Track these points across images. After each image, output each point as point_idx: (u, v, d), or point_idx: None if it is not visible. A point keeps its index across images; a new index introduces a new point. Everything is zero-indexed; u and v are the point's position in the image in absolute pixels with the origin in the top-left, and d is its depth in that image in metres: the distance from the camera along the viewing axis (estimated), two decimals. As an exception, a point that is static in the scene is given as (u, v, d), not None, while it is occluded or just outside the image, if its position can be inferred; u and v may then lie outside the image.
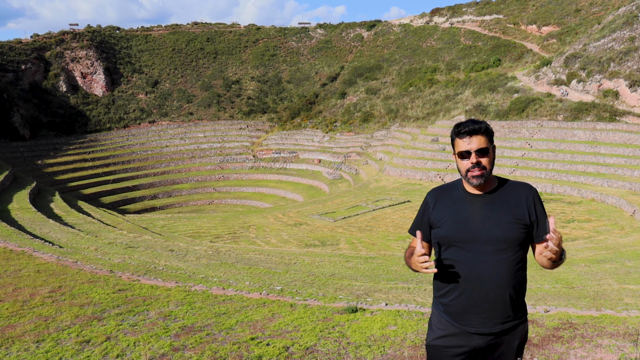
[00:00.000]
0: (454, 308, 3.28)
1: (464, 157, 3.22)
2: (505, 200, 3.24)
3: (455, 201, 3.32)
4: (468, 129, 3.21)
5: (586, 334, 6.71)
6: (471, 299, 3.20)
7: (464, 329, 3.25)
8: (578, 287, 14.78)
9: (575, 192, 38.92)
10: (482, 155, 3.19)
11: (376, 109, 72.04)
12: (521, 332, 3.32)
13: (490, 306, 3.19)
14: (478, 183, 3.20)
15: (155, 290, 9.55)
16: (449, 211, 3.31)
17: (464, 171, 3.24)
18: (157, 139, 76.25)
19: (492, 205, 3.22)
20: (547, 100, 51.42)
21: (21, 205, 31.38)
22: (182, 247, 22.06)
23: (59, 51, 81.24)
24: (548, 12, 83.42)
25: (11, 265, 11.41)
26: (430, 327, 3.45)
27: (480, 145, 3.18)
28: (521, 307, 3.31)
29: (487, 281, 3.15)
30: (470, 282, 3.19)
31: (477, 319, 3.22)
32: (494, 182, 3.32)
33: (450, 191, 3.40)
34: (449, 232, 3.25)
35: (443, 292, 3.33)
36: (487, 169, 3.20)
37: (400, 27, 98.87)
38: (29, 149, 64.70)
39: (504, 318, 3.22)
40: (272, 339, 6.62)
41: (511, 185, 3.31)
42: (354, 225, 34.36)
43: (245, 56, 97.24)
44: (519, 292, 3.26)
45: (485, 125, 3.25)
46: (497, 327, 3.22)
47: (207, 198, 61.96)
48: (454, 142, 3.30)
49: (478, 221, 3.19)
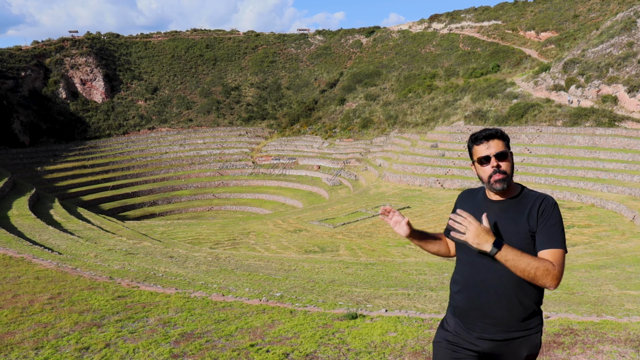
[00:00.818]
0: (460, 310, 3.29)
1: (484, 163, 3.22)
2: (520, 209, 3.19)
3: (474, 205, 3.34)
4: (485, 134, 3.23)
5: (587, 340, 6.68)
6: (474, 302, 3.20)
7: (469, 331, 3.25)
8: (578, 292, 14.75)
9: (575, 197, 38.90)
10: (501, 159, 3.20)
11: (375, 115, 72.14)
12: (531, 343, 3.22)
13: (492, 312, 3.15)
14: (502, 187, 3.18)
15: (154, 296, 9.53)
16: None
17: (485, 177, 3.23)
18: (156, 146, 76.30)
19: (505, 213, 3.20)
20: (546, 106, 51.49)
21: (21, 212, 31.34)
22: (181, 254, 22.01)
23: (58, 58, 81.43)
24: (546, 18, 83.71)
25: (10, 271, 11.38)
26: (442, 326, 3.46)
27: (499, 149, 3.20)
28: (531, 318, 3.20)
29: (489, 287, 3.13)
30: (475, 286, 3.19)
31: (480, 323, 3.20)
32: (516, 189, 3.31)
33: (475, 195, 3.44)
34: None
35: (454, 292, 3.37)
36: (508, 173, 3.21)
37: (399, 33, 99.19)
38: (29, 156, 64.74)
39: (509, 327, 3.15)
40: (271, 345, 6.60)
41: (529, 195, 3.27)
42: (354, 231, 34.33)
43: (244, 63, 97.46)
44: (528, 303, 3.15)
45: (501, 130, 3.28)
46: (500, 335, 3.17)
47: (206, 204, 61.94)
48: (472, 150, 3.30)
49: (489, 226, 3.14)
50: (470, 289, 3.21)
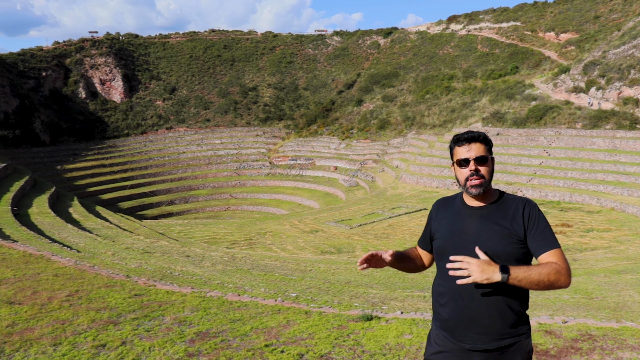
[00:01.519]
0: (448, 323, 3.18)
1: (463, 165, 3.19)
2: (502, 213, 3.15)
3: (454, 213, 3.28)
4: (467, 137, 3.19)
5: (606, 346, 6.59)
6: (464, 313, 3.10)
7: (459, 345, 3.14)
8: (597, 297, 14.56)
9: (595, 201, 38.42)
10: (481, 164, 3.15)
11: (393, 116, 71.94)
12: (523, 349, 3.16)
13: (483, 322, 3.07)
14: (477, 192, 3.14)
15: (171, 295, 9.59)
16: (446, 222, 3.27)
17: (462, 180, 3.20)
18: (174, 145, 76.84)
19: (487, 218, 3.15)
20: (565, 108, 50.93)
21: (41, 210, 31.75)
22: (198, 253, 22.14)
23: (78, 58, 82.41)
24: (567, 19, 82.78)
25: (30, 268, 11.53)
26: (429, 341, 3.37)
27: (479, 153, 3.15)
28: (521, 323, 3.15)
29: (478, 296, 3.05)
30: (463, 296, 3.09)
31: (471, 334, 3.10)
32: (494, 195, 3.26)
33: (452, 203, 3.37)
34: (444, 243, 3.21)
35: (439, 305, 3.25)
36: (486, 178, 3.15)
37: (417, 34, 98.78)
38: (49, 155, 65.59)
39: (500, 335, 3.08)
40: (286, 346, 6.60)
41: (510, 199, 3.22)
42: (370, 232, 34.26)
43: (262, 63, 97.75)
44: (517, 308, 3.11)
45: (484, 134, 3.23)
46: (493, 344, 3.08)
47: (223, 204, 62.23)
48: (453, 151, 3.27)
49: (472, 234, 3.12)
50: (457, 300, 3.12)
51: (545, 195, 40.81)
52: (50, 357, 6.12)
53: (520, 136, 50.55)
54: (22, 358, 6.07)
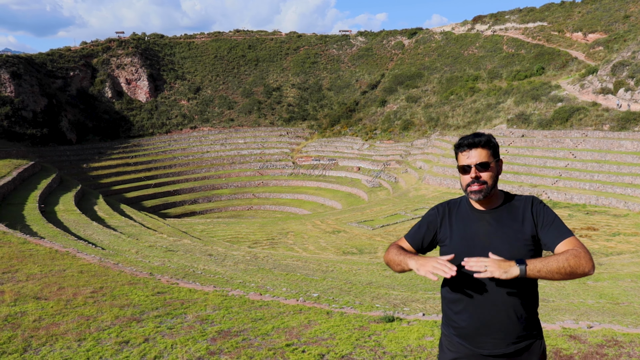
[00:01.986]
0: (465, 330, 3.14)
1: (465, 171, 3.14)
2: (512, 216, 3.13)
3: (462, 218, 3.23)
4: (467, 142, 3.13)
5: (633, 353, 6.46)
6: (482, 320, 3.07)
7: (476, 351, 3.12)
8: (624, 303, 14.30)
9: (622, 204, 37.73)
10: (482, 170, 3.10)
11: (416, 117, 71.56)
12: (537, 350, 3.16)
13: (501, 327, 3.05)
14: (477, 198, 3.11)
15: (193, 293, 9.66)
16: (455, 228, 3.21)
17: (464, 186, 3.17)
18: (198, 145, 77.47)
19: (498, 222, 3.12)
20: (592, 110, 50.09)
21: (67, 207, 32.27)
22: (220, 252, 22.28)
23: (105, 58, 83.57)
24: (595, 18, 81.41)
25: (56, 265, 11.71)
26: (442, 348, 3.33)
27: (481, 159, 3.10)
28: (534, 324, 3.16)
29: (497, 301, 3.02)
30: (479, 303, 3.06)
31: (490, 340, 3.08)
32: (500, 197, 3.22)
33: (457, 207, 3.31)
34: (456, 250, 3.14)
35: (453, 313, 3.20)
36: (488, 184, 3.10)
37: (441, 34, 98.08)
38: (75, 153, 66.63)
39: (517, 337, 3.07)
40: (307, 346, 6.60)
41: (518, 200, 3.20)
42: (393, 233, 34.12)
43: (286, 63, 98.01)
44: (531, 310, 3.12)
45: (487, 138, 3.16)
46: (511, 348, 3.07)
47: (246, 204, 62.55)
48: (457, 156, 3.22)
49: (485, 239, 3.08)
50: (474, 307, 3.08)
51: (571, 198, 40.22)
52: (75, 352, 6.21)
53: (545, 138, 49.88)
54: (47, 352, 6.17)
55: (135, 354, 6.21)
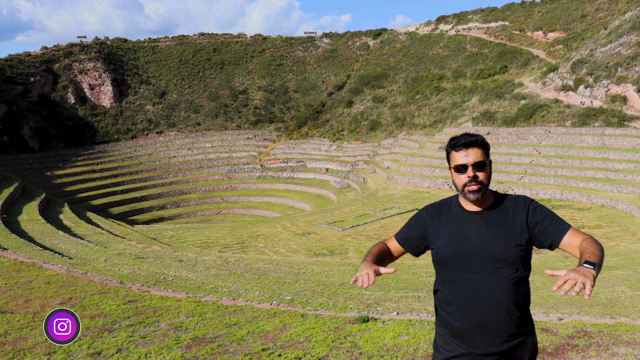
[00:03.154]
0: (459, 330, 3.15)
1: (461, 171, 3.13)
2: (503, 216, 3.14)
3: (452, 219, 3.22)
4: (464, 142, 3.12)
5: (602, 343, 6.62)
6: (476, 320, 3.09)
7: (471, 350, 3.14)
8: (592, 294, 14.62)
9: (585, 198, 38.66)
10: (479, 169, 3.10)
11: (383, 117, 72.07)
12: (530, 345, 3.22)
13: (496, 326, 3.07)
14: (475, 198, 3.10)
15: (165, 301, 9.54)
16: (446, 230, 3.21)
17: (460, 186, 3.15)
18: (164, 150, 76.58)
19: (490, 223, 3.13)
20: (554, 107, 51.23)
21: (31, 217, 31.53)
22: (191, 258, 22.06)
23: (67, 63, 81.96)
24: (554, 18, 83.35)
25: (22, 276, 11.43)
26: (436, 348, 3.34)
27: (477, 159, 3.10)
28: (527, 321, 3.19)
29: (491, 301, 3.05)
30: (473, 304, 3.08)
31: (484, 339, 3.10)
32: (490, 197, 3.23)
33: (447, 209, 3.30)
34: (447, 251, 3.15)
35: (447, 314, 3.21)
36: (484, 183, 3.12)
37: (406, 35, 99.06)
38: (38, 161, 65.13)
39: (510, 336, 3.11)
40: (283, 349, 6.58)
41: (508, 200, 3.22)
42: (363, 234, 34.28)
43: (251, 66, 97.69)
44: (523, 308, 3.15)
45: (482, 138, 3.17)
46: (505, 345, 3.11)
47: (215, 208, 62.06)
48: (450, 155, 3.20)
49: (476, 240, 3.09)
50: (468, 307, 3.10)
51: (536, 194, 41.02)
52: (45, 366, 6.06)
53: (510, 135, 50.80)
54: (16, 367, 6.01)
55: (108, 365, 6.09)
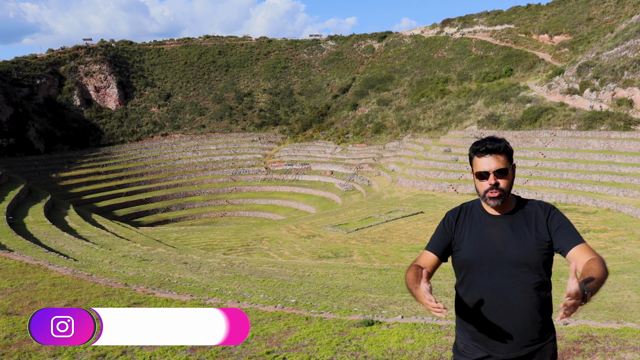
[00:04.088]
0: (480, 334, 3.16)
1: (483, 177, 3.13)
2: (525, 221, 3.15)
3: (476, 223, 3.23)
4: (487, 148, 3.12)
5: (608, 348, 6.58)
6: (498, 324, 3.10)
7: (492, 354, 3.15)
8: (596, 298, 14.56)
9: (590, 201, 38.52)
10: (501, 176, 3.10)
11: (388, 120, 72.02)
12: (550, 351, 3.21)
13: (517, 331, 3.09)
14: (495, 204, 3.12)
15: (170, 303, 9.54)
16: (469, 234, 3.22)
17: (482, 192, 3.16)
18: (169, 152, 76.72)
19: (512, 227, 3.14)
20: (560, 110, 51.09)
21: (36, 219, 31.61)
22: (195, 260, 22.07)
23: (73, 66, 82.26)
24: (560, 21, 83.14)
25: (27, 278, 11.45)
26: (457, 351, 3.35)
27: (500, 166, 3.10)
28: (549, 327, 3.20)
29: (513, 306, 3.06)
30: (496, 308, 3.09)
31: (505, 344, 3.11)
32: (512, 202, 3.24)
33: (470, 212, 3.31)
34: (470, 255, 3.16)
35: (468, 317, 3.21)
36: (505, 190, 3.12)
37: (411, 38, 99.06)
38: (44, 163, 65.35)
39: (532, 341, 3.12)
40: (288, 352, 6.57)
41: (530, 205, 3.23)
42: (367, 236, 34.24)
43: (256, 69, 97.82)
44: (546, 314, 3.15)
45: (505, 144, 3.16)
46: (526, 350, 3.12)
47: (219, 210, 62.12)
48: (472, 160, 3.20)
49: (500, 244, 3.10)
50: (491, 312, 3.11)
51: (542, 197, 40.89)
52: (50, 368, 6.07)
53: (515, 138, 50.67)
54: (21, 369, 6.02)
55: (112, 367, 6.10)
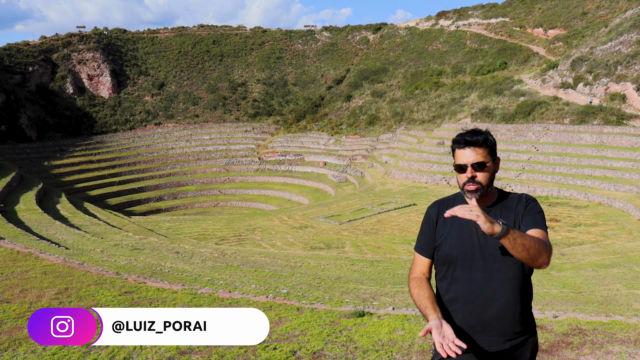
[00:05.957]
0: (462, 328, 3.12)
1: (461, 170, 3.11)
2: (506, 214, 3.13)
3: (457, 217, 3.09)
4: (466, 140, 3.09)
5: (596, 340, 6.63)
6: (479, 318, 3.08)
7: (474, 348, 3.11)
8: (586, 292, 14.67)
9: (582, 195, 38.73)
10: (478, 169, 3.08)
11: (382, 112, 71.99)
12: (531, 344, 3.21)
13: (498, 324, 3.07)
14: (471, 198, 3.07)
15: (161, 292, 9.53)
16: (451, 227, 3.18)
17: (461, 184, 3.14)
18: (162, 141, 76.45)
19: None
20: (553, 104, 51.23)
21: (28, 207, 31.45)
22: (187, 250, 22.04)
23: (66, 53, 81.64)
24: (554, 15, 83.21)
25: (18, 266, 11.41)
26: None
27: (477, 159, 3.07)
28: (529, 320, 3.19)
29: (495, 299, 3.04)
30: (477, 301, 3.07)
31: (486, 337, 3.10)
32: (494, 195, 3.22)
33: (452, 204, 3.23)
34: (452, 250, 3.13)
35: (450, 312, 3.17)
36: (483, 184, 3.08)
37: (406, 30, 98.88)
38: (36, 151, 64.97)
39: (513, 334, 3.11)
40: (279, 343, 6.58)
41: (511, 198, 3.21)
42: (360, 228, 34.29)
43: (251, 59, 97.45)
44: (526, 307, 3.15)
45: (485, 136, 3.13)
46: (507, 344, 3.11)
47: (212, 200, 62.01)
48: (454, 153, 3.18)
49: (481, 238, 3.06)
50: (472, 306, 3.08)
51: (534, 191, 41.07)
52: (40, 356, 6.06)
53: (508, 132, 50.81)
54: (11, 357, 6.01)
55: (103, 355, 6.09)
